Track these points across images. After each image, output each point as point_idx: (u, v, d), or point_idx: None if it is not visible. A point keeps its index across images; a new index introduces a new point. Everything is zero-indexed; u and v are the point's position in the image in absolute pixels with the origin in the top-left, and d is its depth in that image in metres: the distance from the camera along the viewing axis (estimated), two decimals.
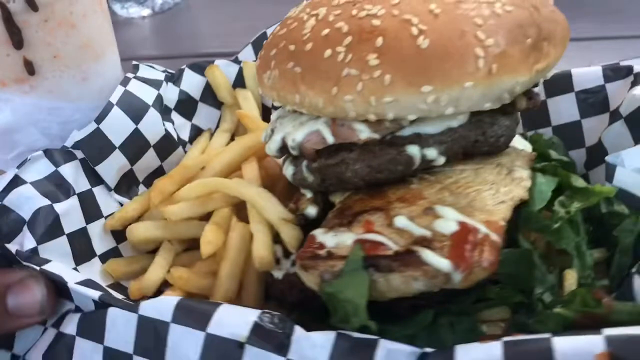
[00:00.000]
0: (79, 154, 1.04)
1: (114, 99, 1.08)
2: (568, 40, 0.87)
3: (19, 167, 0.95)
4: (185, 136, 1.30)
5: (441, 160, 0.82)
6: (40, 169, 0.97)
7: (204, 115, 1.35)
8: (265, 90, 0.90)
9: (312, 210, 0.91)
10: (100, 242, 1.02)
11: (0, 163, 1.11)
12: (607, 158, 0.94)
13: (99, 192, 1.06)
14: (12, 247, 0.84)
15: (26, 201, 0.91)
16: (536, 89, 0.95)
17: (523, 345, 0.63)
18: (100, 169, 1.06)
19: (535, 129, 1.18)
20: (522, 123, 1.17)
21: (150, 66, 1.31)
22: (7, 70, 1.02)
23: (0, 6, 0.95)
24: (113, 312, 0.73)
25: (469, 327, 0.77)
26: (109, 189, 1.09)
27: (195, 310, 0.72)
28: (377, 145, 0.81)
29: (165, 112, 1.25)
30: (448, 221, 0.75)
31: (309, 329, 0.71)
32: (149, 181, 1.17)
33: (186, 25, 1.27)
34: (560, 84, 1.14)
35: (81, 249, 0.97)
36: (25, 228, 0.88)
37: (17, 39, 0.99)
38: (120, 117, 1.08)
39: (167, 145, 1.20)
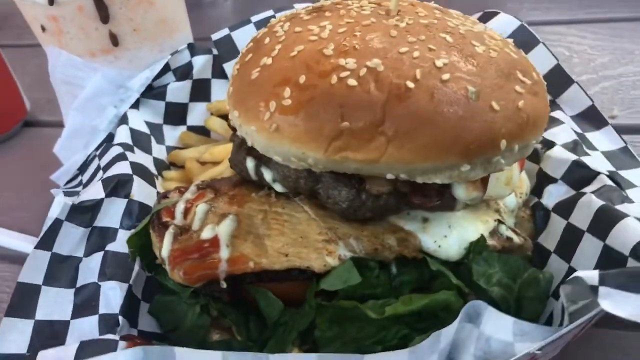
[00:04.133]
0: (215, 51, 1.38)
1: (255, 18, 1.36)
2: (453, 153, 0.69)
3: (173, 54, 1.31)
4: None
5: (278, 187, 0.84)
6: (182, 59, 1.33)
7: None
8: None
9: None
10: (196, 116, 1.39)
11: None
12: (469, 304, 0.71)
13: (217, 83, 1.40)
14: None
15: (162, 80, 1.31)
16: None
17: None
18: (226, 66, 1.39)
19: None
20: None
21: None
22: (95, 42, 1.20)
23: None
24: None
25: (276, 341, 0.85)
26: None
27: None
28: (243, 144, 0.88)
29: None
30: (214, 230, 0.83)
31: None
32: None
33: (264, 7, 1.32)
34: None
35: (174, 115, 1.35)
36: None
37: (104, 15, 1.15)
38: (251, 31, 1.35)
39: None
